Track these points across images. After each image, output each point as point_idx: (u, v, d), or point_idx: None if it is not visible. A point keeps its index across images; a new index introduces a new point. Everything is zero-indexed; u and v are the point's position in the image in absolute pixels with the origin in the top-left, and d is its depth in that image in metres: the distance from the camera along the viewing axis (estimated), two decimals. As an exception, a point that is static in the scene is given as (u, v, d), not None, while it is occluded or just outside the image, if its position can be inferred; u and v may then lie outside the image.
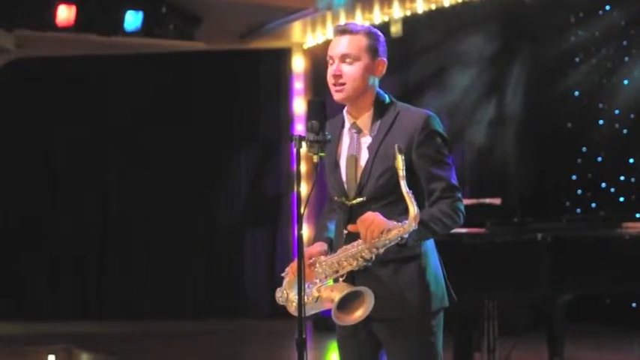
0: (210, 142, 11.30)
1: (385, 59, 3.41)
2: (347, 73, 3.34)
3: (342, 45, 3.36)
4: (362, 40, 3.36)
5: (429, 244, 3.38)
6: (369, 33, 3.38)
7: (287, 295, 3.39)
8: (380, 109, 3.40)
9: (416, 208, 3.13)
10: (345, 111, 3.48)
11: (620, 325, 8.76)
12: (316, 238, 3.53)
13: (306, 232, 8.38)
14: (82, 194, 11.35)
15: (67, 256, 11.38)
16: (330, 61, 3.40)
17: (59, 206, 11.37)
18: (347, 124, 3.46)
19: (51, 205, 11.37)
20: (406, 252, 3.27)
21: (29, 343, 9.21)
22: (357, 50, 3.34)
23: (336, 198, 3.45)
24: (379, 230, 3.16)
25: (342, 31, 3.39)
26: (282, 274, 3.45)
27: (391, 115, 3.38)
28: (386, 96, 3.43)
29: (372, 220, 3.17)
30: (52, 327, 10.28)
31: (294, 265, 3.33)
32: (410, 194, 3.13)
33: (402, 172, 3.15)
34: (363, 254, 3.22)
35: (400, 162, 3.15)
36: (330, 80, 3.38)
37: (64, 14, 9.48)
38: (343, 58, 3.35)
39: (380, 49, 3.39)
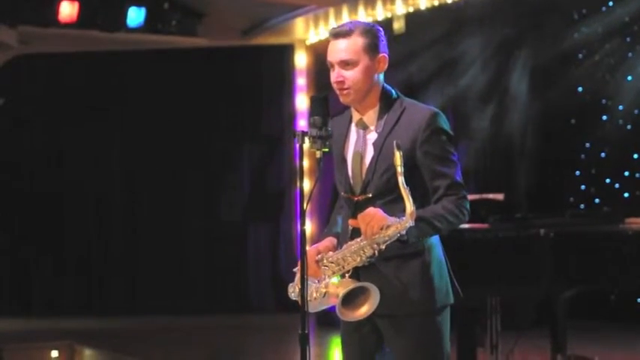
0: (213, 138, 11.31)
1: (386, 53, 3.37)
2: (349, 78, 3.31)
3: (339, 50, 3.32)
4: (358, 42, 3.30)
5: (434, 240, 3.36)
6: (364, 31, 3.32)
7: (299, 290, 3.39)
8: (386, 104, 3.38)
9: (412, 204, 3.12)
10: (352, 107, 3.47)
11: (625, 321, 8.75)
12: (326, 233, 3.53)
13: (309, 227, 8.37)
14: (85, 190, 11.35)
15: (70, 253, 11.39)
16: (331, 67, 3.36)
17: (62, 202, 11.37)
18: (354, 120, 3.45)
19: (54, 202, 11.37)
20: (409, 248, 3.26)
21: (32, 339, 9.22)
22: (355, 54, 3.30)
23: (342, 193, 3.44)
24: (379, 226, 3.15)
25: (336, 34, 3.34)
26: (294, 270, 3.44)
27: (397, 111, 3.36)
28: (392, 91, 3.41)
29: (372, 215, 3.17)
30: (55, 323, 10.29)
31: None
32: (407, 190, 3.12)
33: (399, 169, 3.14)
34: (365, 250, 3.22)
35: (398, 158, 3.13)
36: (334, 86, 3.36)
37: (67, 10, 9.49)
38: (342, 64, 3.31)
39: (379, 44, 3.34)
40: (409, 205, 3.12)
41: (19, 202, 11.34)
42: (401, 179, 3.13)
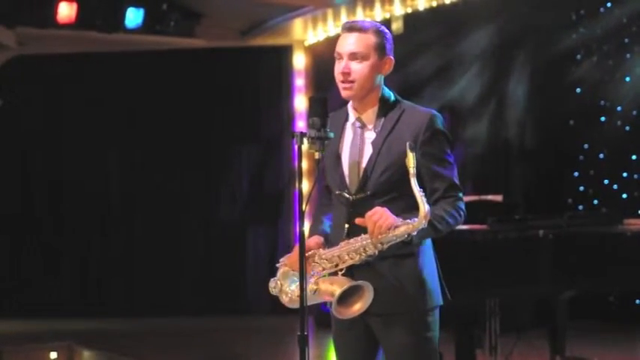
0: (211, 140, 11.30)
1: (392, 57, 3.42)
2: (355, 71, 3.34)
3: (350, 43, 3.35)
4: (370, 39, 3.35)
5: (426, 243, 3.39)
6: (377, 31, 3.38)
7: (281, 285, 3.39)
8: (385, 106, 3.41)
9: (427, 206, 3.12)
10: (349, 105, 3.48)
11: (624, 322, 8.75)
12: (312, 232, 3.53)
13: (308, 228, 8.36)
14: (83, 191, 11.35)
15: (68, 254, 11.39)
16: (338, 58, 3.39)
17: (60, 203, 11.37)
18: (351, 119, 3.46)
19: (52, 202, 11.36)
20: (405, 248, 3.27)
21: (31, 340, 9.21)
22: (366, 48, 3.34)
23: (337, 192, 3.44)
24: (387, 226, 3.15)
25: (350, 28, 3.38)
26: (277, 265, 3.45)
27: (396, 112, 3.39)
28: (391, 93, 3.45)
29: (381, 215, 3.17)
30: (54, 324, 10.28)
31: (290, 256, 3.36)
32: (421, 192, 3.13)
33: (412, 170, 3.13)
34: (367, 249, 3.21)
35: (411, 159, 3.13)
36: (339, 77, 3.38)
37: (65, 11, 9.49)
38: (352, 56, 3.35)
39: (387, 46, 3.40)
40: (423, 207, 3.12)
41: (19, 202, 11.33)
42: (414, 180, 3.13)
